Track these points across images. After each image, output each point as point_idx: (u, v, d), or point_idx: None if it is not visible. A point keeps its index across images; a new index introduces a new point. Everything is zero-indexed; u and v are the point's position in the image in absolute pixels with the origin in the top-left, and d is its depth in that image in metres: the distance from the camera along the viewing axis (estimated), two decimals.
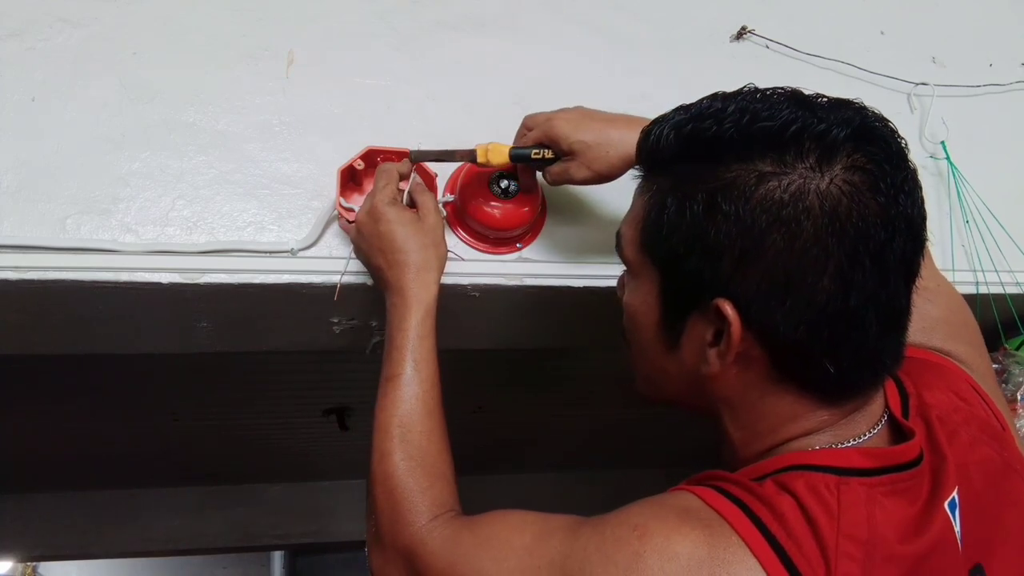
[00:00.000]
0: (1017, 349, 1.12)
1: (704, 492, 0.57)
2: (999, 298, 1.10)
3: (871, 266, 0.54)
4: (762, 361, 0.58)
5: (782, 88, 0.59)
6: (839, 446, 0.59)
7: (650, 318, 0.63)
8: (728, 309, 0.56)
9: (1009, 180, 1.17)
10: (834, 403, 0.60)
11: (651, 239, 0.61)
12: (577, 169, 0.82)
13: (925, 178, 1.14)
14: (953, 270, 1.10)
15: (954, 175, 1.13)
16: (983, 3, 1.26)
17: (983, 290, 1.10)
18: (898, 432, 0.62)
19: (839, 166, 0.55)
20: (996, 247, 1.12)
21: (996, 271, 1.10)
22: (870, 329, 0.56)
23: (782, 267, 0.54)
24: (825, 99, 0.58)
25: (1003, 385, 1.06)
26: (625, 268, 0.67)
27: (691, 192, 0.57)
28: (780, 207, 0.54)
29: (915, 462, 0.60)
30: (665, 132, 0.60)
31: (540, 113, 0.85)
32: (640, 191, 0.64)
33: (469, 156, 0.86)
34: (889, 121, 0.58)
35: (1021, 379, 1.05)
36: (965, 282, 1.10)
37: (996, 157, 1.18)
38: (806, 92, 0.59)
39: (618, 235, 0.67)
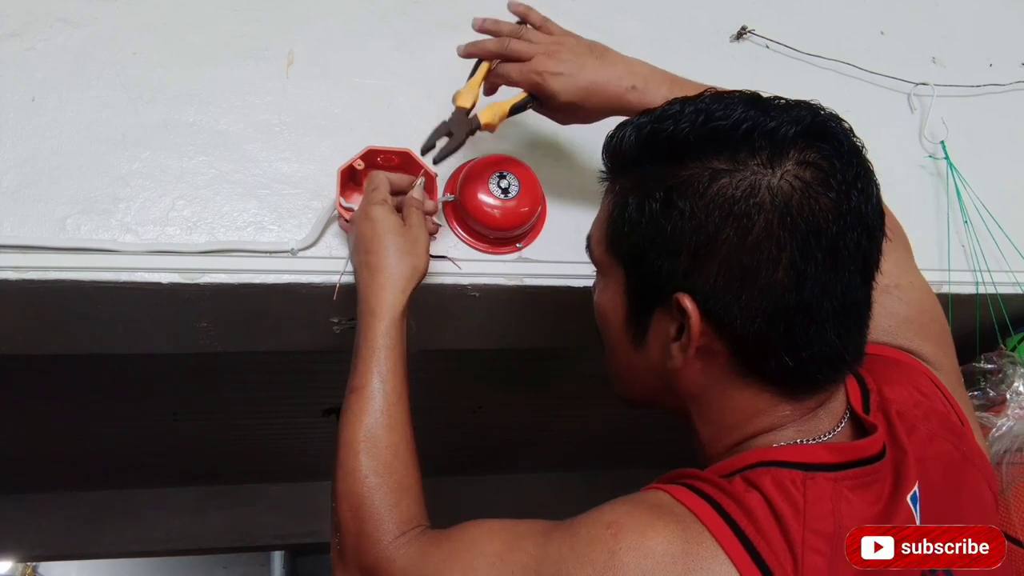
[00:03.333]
0: (1013, 350, 1.12)
1: (675, 490, 0.58)
2: (998, 298, 1.10)
3: (823, 259, 0.56)
4: (724, 355, 0.59)
5: (741, 91, 0.61)
6: (803, 442, 0.60)
7: (618, 316, 0.65)
8: (687, 303, 0.58)
9: (1009, 180, 1.17)
10: (796, 398, 0.61)
11: (615, 238, 0.63)
12: (565, 119, 0.87)
13: (925, 178, 1.15)
14: (951, 270, 1.10)
15: (954, 175, 1.13)
16: (983, 3, 1.26)
17: (982, 290, 1.10)
18: (860, 428, 0.63)
19: (790, 162, 0.56)
20: (995, 247, 1.12)
21: (994, 271, 1.11)
22: (827, 322, 0.57)
23: (736, 261, 0.56)
24: (782, 100, 0.60)
25: (999, 385, 1.06)
26: (595, 269, 0.69)
27: (650, 190, 0.59)
28: (732, 203, 0.56)
29: (878, 456, 0.61)
30: (627, 134, 0.62)
31: (517, 45, 0.83)
32: (605, 192, 0.66)
33: (470, 124, 0.84)
34: (843, 120, 0.60)
35: (1015, 379, 1.05)
36: (964, 282, 1.10)
37: (996, 157, 1.18)
38: (764, 95, 0.60)
39: (588, 237, 0.69)
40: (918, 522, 0.60)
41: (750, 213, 0.55)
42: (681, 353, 0.60)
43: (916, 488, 0.61)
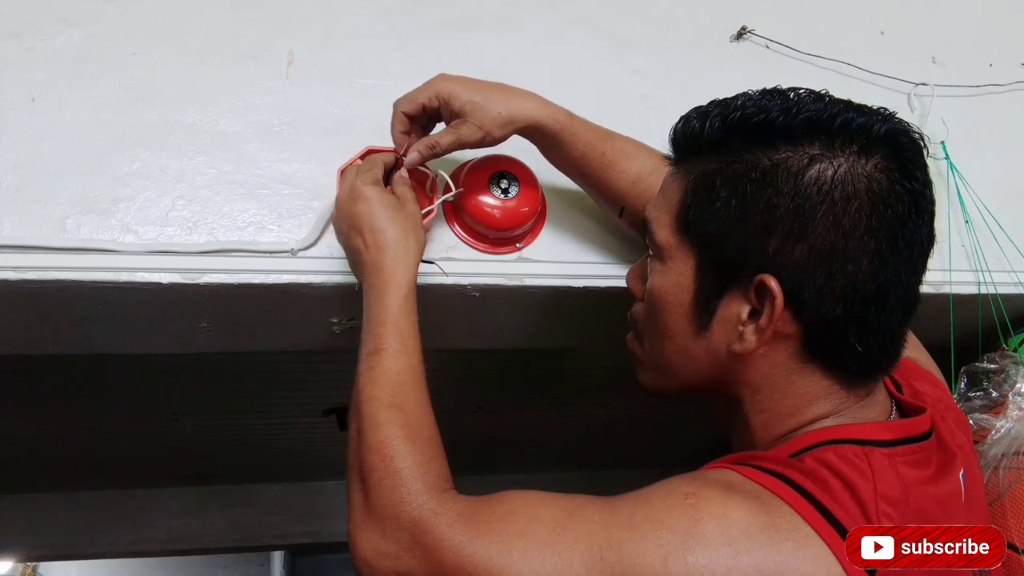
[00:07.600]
0: (1015, 350, 1.12)
1: (741, 470, 0.58)
2: (999, 298, 1.10)
3: (904, 249, 0.59)
4: (794, 339, 0.61)
5: (807, 88, 0.63)
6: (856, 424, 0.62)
7: (682, 299, 0.65)
8: (772, 283, 0.59)
9: (1010, 180, 1.17)
10: (852, 386, 0.62)
11: (691, 219, 0.63)
12: (469, 131, 0.82)
13: None
14: (952, 270, 1.10)
15: (954, 175, 1.13)
16: (983, 3, 1.26)
17: (983, 290, 1.10)
18: (903, 413, 0.66)
19: (879, 155, 0.59)
20: (996, 247, 1.12)
21: (996, 271, 1.10)
22: (894, 312, 0.60)
23: (828, 245, 0.58)
24: (848, 101, 0.62)
25: (1001, 385, 1.06)
26: (651, 255, 0.68)
27: (742, 172, 0.60)
28: (831, 188, 0.58)
29: (927, 435, 0.63)
30: (710, 120, 0.63)
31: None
32: (675, 176, 0.66)
33: None
34: (912, 124, 0.62)
35: (1017, 379, 1.05)
36: (965, 282, 1.10)
37: (997, 157, 1.18)
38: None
39: (646, 221, 0.68)
40: (963, 500, 0.62)
41: (848, 198, 0.57)
42: (756, 335, 0.61)
43: (963, 471, 0.63)
